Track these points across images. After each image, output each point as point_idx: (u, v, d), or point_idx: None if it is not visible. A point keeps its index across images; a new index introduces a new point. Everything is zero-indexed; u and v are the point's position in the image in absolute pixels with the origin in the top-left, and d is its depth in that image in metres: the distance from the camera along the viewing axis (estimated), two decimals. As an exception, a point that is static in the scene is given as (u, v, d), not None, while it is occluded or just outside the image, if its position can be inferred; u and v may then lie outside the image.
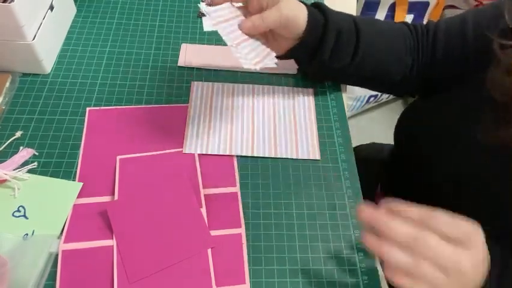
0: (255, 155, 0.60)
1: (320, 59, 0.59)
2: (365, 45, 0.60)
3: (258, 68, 0.53)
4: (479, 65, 0.49)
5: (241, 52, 0.53)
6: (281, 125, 0.64)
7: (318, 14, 0.58)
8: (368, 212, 0.42)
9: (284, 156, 0.60)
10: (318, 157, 0.61)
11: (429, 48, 0.61)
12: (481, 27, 0.54)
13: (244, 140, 0.61)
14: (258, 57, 0.54)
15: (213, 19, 0.53)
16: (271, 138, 0.62)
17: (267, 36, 0.59)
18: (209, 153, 0.60)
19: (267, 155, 0.60)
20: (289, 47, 0.59)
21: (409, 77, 0.63)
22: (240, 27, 0.54)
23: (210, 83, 0.68)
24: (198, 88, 0.67)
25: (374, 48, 0.61)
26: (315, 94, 0.68)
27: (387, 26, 0.64)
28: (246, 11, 0.56)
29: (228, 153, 0.60)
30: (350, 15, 0.61)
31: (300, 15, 0.56)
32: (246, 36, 0.55)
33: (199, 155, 0.59)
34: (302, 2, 0.57)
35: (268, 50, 0.56)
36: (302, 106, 0.66)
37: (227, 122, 0.63)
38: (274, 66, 0.56)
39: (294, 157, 0.60)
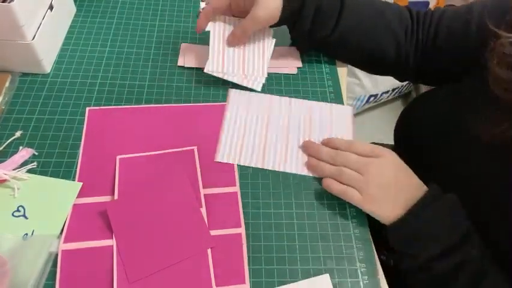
0: (287, 171, 0.59)
1: (300, 29, 0.63)
2: (350, 12, 0.61)
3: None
4: (481, 58, 0.48)
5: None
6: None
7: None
8: (308, 143, 0.60)
9: (311, 175, 0.59)
10: None
11: (432, 29, 0.61)
12: (485, 18, 0.53)
13: (277, 155, 0.60)
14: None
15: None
16: (304, 157, 0.60)
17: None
18: (241, 164, 0.59)
19: (297, 173, 0.59)
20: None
21: (406, 55, 0.63)
22: (228, 43, 0.65)
23: (247, 92, 0.66)
24: (235, 96, 0.65)
25: (361, 16, 0.62)
26: (315, 94, 0.68)
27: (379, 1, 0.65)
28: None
29: (260, 166, 0.59)
30: None
31: (274, 10, 0.60)
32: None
33: (198, 154, 0.59)
34: None
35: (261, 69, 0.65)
36: (339, 125, 0.64)
37: (261, 134, 0.62)
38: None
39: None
